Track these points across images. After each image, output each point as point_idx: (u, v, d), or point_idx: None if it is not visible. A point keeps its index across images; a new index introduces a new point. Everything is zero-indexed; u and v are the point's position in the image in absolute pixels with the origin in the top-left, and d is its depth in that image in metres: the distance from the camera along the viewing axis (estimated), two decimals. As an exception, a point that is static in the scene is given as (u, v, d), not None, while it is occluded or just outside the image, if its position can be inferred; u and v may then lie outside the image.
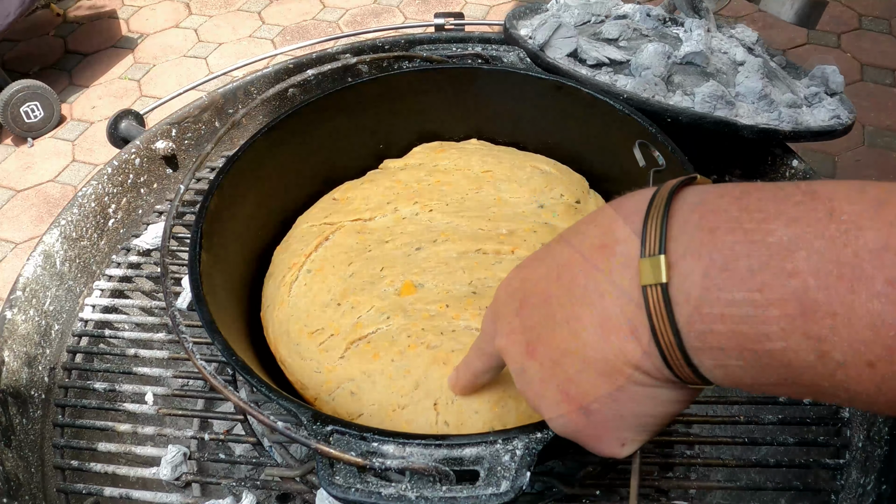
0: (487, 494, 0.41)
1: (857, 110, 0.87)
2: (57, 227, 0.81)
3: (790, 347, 0.27)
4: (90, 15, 2.83)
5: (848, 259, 0.26)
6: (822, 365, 0.27)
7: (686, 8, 0.95)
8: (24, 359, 0.73)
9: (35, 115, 2.22)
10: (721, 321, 0.29)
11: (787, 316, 0.27)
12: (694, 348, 0.30)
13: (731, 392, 0.73)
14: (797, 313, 0.27)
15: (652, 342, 0.31)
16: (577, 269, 0.35)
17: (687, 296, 0.30)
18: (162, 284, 0.59)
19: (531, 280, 0.38)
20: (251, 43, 2.60)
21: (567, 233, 0.37)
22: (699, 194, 0.31)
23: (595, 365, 0.34)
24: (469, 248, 0.64)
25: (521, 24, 0.89)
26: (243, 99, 1.00)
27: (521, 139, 0.80)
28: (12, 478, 0.65)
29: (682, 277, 0.30)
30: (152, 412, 0.71)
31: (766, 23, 2.27)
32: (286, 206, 0.74)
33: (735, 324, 0.28)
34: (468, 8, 2.67)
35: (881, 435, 0.61)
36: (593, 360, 0.34)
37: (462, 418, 0.52)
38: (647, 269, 0.31)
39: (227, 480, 0.65)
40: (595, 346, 0.34)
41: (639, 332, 0.32)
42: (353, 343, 0.58)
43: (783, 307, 0.27)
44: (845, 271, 0.26)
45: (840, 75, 0.87)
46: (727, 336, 0.29)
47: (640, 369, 0.33)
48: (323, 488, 0.42)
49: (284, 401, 0.48)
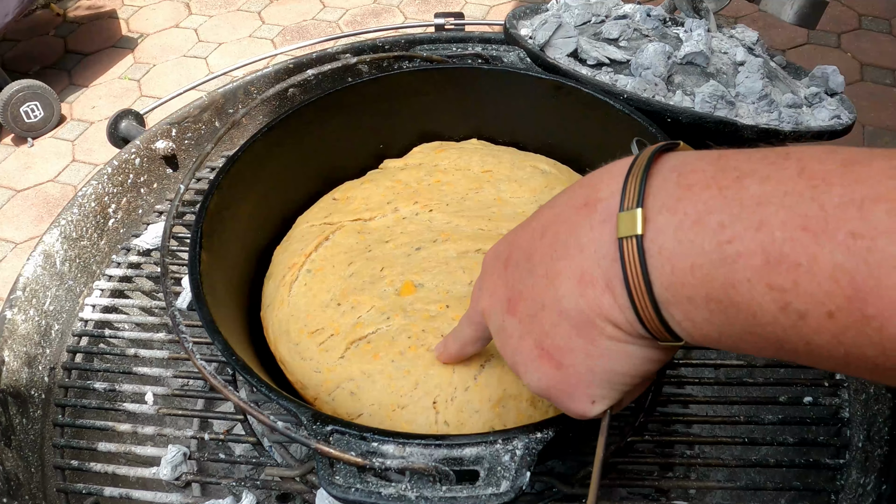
0: (487, 494, 0.41)
1: (858, 110, 0.87)
2: (57, 226, 0.81)
3: (755, 298, 0.28)
4: (90, 15, 2.83)
5: (814, 213, 0.26)
6: (785, 316, 0.28)
7: (686, 8, 0.95)
8: (24, 359, 0.73)
9: (35, 114, 2.22)
10: (691, 272, 0.30)
11: (752, 267, 0.28)
12: (665, 300, 0.31)
13: (731, 392, 0.73)
14: (762, 264, 0.28)
15: (625, 294, 0.32)
16: (560, 226, 0.36)
17: (660, 248, 0.31)
18: (162, 284, 0.59)
19: (516, 241, 0.39)
20: (251, 43, 2.61)
21: (554, 197, 0.39)
22: (680, 157, 0.33)
23: (570, 318, 0.35)
24: (469, 247, 0.64)
25: (521, 24, 0.89)
26: (243, 99, 1.00)
27: (521, 139, 0.80)
28: (12, 478, 0.65)
29: (657, 231, 0.31)
30: (152, 412, 0.71)
31: (767, 23, 2.27)
32: (286, 206, 0.74)
33: (704, 275, 0.29)
34: (468, 8, 2.67)
35: (881, 435, 0.61)
36: (568, 312, 0.35)
37: (462, 418, 0.52)
38: (624, 223, 0.32)
39: (227, 480, 0.65)
40: (571, 298, 0.34)
41: (613, 286, 0.33)
42: (353, 343, 0.58)
43: (750, 258, 0.28)
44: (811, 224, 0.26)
45: (840, 75, 0.86)
46: (695, 287, 0.30)
47: (613, 323, 0.34)
48: (323, 488, 0.42)
49: (284, 401, 0.48)
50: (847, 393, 0.67)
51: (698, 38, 0.83)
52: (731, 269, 0.29)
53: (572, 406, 0.38)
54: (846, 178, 0.26)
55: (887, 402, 0.62)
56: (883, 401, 0.63)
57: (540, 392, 0.39)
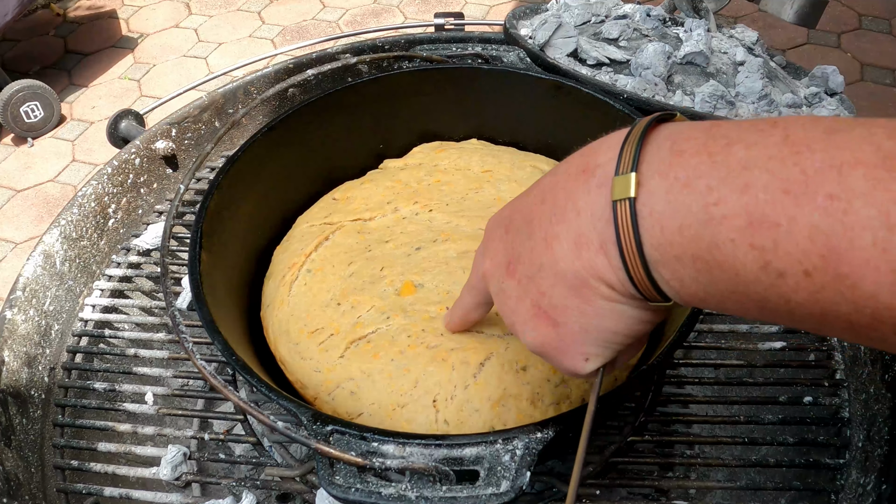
0: (487, 494, 0.41)
1: (857, 110, 0.87)
2: (57, 227, 0.81)
3: (738, 258, 0.30)
4: (90, 15, 2.83)
5: (795, 176, 0.28)
6: (766, 275, 0.29)
7: (686, 8, 0.95)
8: (24, 359, 0.73)
9: (35, 114, 2.22)
10: (679, 233, 0.31)
11: (736, 227, 0.29)
12: (654, 260, 0.33)
13: (731, 392, 0.73)
14: (745, 224, 0.29)
15: (618, 255, 0.34)
16: (559, 192, 0.38)
17: (651, 210, 0.32)
18: (162, 284, 0.59)
19: (518, 207, 0.41)
20: (251, 43, 2.61)
21: (555, 167, 0.40)
22: (674, 127, 0.34)
23: (566, 279, 0.37)
24: (469, 247, 0.64)
25: (521, 24, 0.89)
26: (243, 99, 1.00)
27: (521, 139, 0.80)
28: (12, 478, 0.65)
29: (649, 194, 0.32)
30: (152, 412, 0.71)
31: (766, 23, 2.27)
32: (286, 206, 0.74)
33: (691, 235, 0.31)
34: (468, 8, 2.67)
35: (881, 435, 0.61)
36: (565, 273, 0.36)
37: (462, 417, 0.52)
38: (618, 186, 0.33)
39: (227, 480, 0.65)
40: (567, 260, 0.36)
41: (607, 247, 0.34)
42: (352, 343, 0.58)
43: (734, 219, 0.29)
44: (792, 187, 0.28)
45: (840, 75, 0.86)
46: (683, 246, 0.32)
47: (606, 283, 0.35)
48: (323, 488, 0.42)
49: (284, 401, 0.48)
50: (847, 393, 0.67)
51: (698, 38, 0.83)
52: (717, 230, 0.30)
53: (566, 363, 0.40)
54: (828, 145, 0.28)
55: (887, 402, 0.62)
56: (883, 401, 0.63)
57: (536, 350, 0.41)
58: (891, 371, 0.63)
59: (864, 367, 0.67)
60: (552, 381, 0.54)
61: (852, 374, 0.68)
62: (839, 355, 0.70)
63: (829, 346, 0.70)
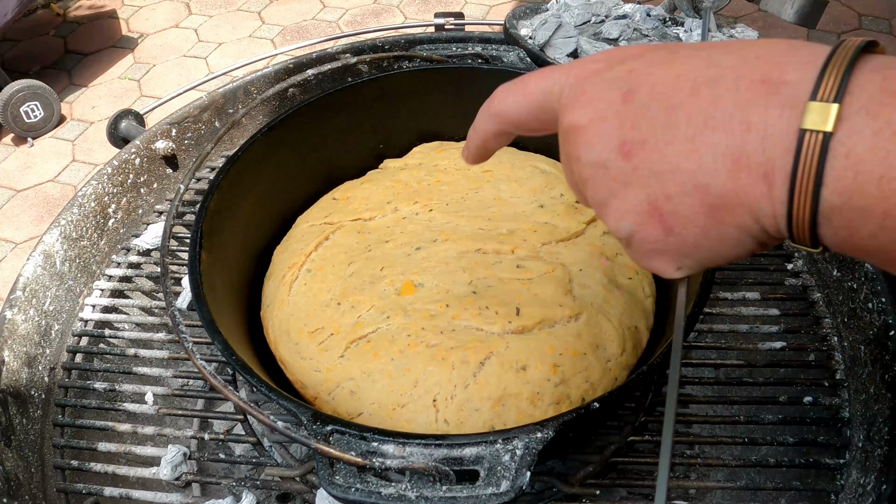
0: (487, 494, 0.41)
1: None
2: (57, 226, 0.81)
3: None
4: (90, 15, 2.83)
5: None
6: None
7: (686, 8, 0.95)
8: (24, 359, 0.73)
9: (35, 114, 2.23)
10: (877, 184, 0.28)
11: None
12: (831, 205, 0.29)
13: (731, 392, 0.73)
14: None
15: (786, 190, 0.30)
16: (723, 92, 0.32)
17: (849, 150, 0.28)
18: (162, 284, 0.59)
19: (647, 78, 0.35)
20: (251, 43, 2.61)
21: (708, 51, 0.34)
22: (885, 59, 0.30)
23: (706, 195, 0.32)
24: (469, 247, 0.64)
25: (521, 24, 0.89)
26: (243, 99, 1.00)
27: (520, 139, 0.80)
28: (12, 478, 0.65)
29: (850, 132, 0.28)
30: (152, 412, 0.71)
31: (767, 23, 2.27)
32: (286, 206, 0.74)
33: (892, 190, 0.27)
34: (468, 8, 2.67)
35: (881, 435, 0.61)
36: (707, 188, 0.32)
37: (462, 416, 0.52)
38: (813, 114, 0.29)
39: (227, 480, 0.65)
40: (717, 176, 0.32)
41: (773, 178, 0.30)
42: (352, 342, 0.58)
43: None
44: None
45: (840, 75, 0.86)
46: (877, 200, 0.28)
47: (753, 215, 0.32)
48: (323, 488, 0.42)
49: (284, 400, 0.48)
50: (847, 393, 0.67)
51: (698, 38, 0.83)
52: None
53: (656, 264, 0.37)
54: None
55: (887, 402, 0.62)
56: (883, 401, 0.63)
57: (624, 239, 0.37)
58: (891, 371, 0.63)
59: (864, 367, 0.67)
60: (552, 380, 0.54)
61: (852, 374, 0.68)
62: (839, 355, 0.70)
63: (829, 346, 0.70)
